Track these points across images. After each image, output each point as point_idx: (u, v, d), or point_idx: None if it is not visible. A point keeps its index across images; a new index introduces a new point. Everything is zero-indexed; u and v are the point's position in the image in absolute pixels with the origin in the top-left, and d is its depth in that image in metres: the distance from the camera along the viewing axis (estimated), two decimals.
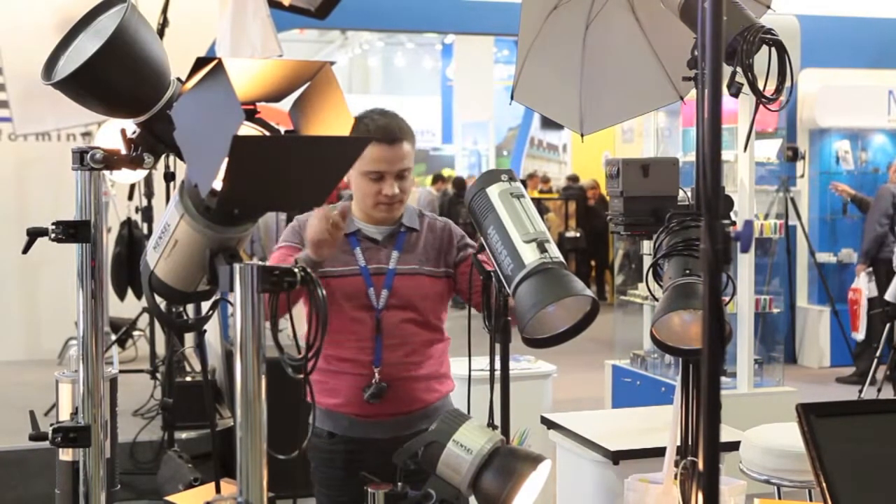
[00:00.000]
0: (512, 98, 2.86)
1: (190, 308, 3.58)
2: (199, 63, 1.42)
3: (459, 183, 14.47)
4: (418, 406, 2.57)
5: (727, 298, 2.34)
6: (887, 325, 6.58)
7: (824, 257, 9.18)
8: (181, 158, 1.54)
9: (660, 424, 3.28)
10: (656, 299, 2.26)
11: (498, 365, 2.15)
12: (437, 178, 16.03)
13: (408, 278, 2.58)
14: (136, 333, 6.30)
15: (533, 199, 2.14)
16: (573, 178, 14.71)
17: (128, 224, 6.19)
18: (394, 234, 2.62)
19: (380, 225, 2.62)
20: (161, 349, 5.49)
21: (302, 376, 1.48)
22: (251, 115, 1.49)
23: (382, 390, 2.52)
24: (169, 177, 4.59)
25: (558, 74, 2.85)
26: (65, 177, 1.97)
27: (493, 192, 2.10)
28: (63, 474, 1.87)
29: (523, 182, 2.17)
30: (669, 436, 2.32)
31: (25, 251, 1.85)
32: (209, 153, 1.40)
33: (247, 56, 5.02)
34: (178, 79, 1.71)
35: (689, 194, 2.41)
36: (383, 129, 2.53)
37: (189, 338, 5.61)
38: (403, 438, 2.42)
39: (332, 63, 1.50)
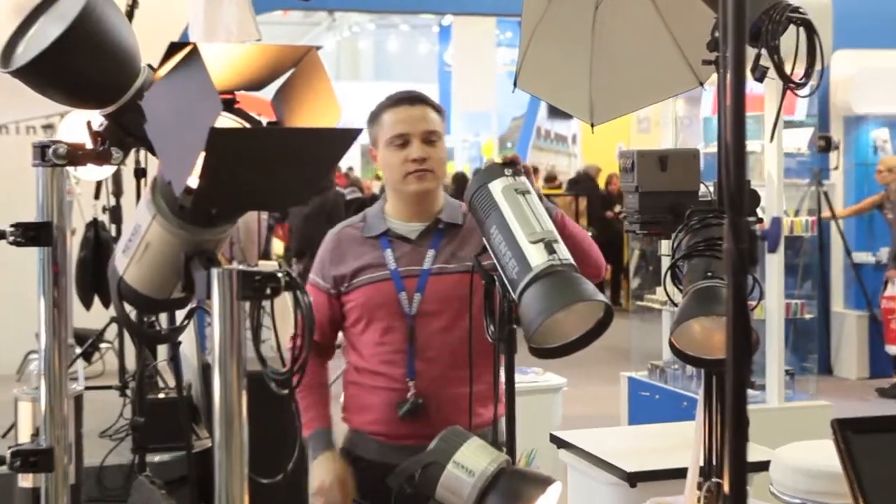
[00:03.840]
0: (515, 85, 2.86)
1: (163, 317, 3.58)
2: (172, 48, 1.43)
3: (460, 178, 14.47)
4: None
5: (754, 303, 2.35)
6: None
7: (862, 257, 9.18)
8: (153, 153, 1.55)
9: (681, 442, 3.28)
10: (676, 305, 2.27)
11: (503, 378, 2.16)
12: None
13: (445, 279, 2.55)
14: (103, 346, 6.29)
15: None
16: (589, 170, 14.65)
17: (94, 225, 6.19)
18: (430, 231, 2.60)
19: (413, 221, 2.61)
20: (131, 363, 5.48)
21: (286, 391, 1.48)
22: (229, 106, 1.50)
23: (418, 407, 2.50)
24: (139, 173, 4.59)
25: (566, 58, 2.85)
26: (24, 174, 1.97)
27: (496, 187, 2.11)
28: (23, 502, 1.87)
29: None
30: (692, 455, 2.32)
31: None
32: (183, 147, 1.41)
33: (222, 41, 5.02)
34: (149, 66, 1.71)
35: (711, 189, 2.41)
36: (402, 93, 2.62)
37: (162, 350, 5.60)
38: None
39: (318, 48, 1.50)
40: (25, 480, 1.88)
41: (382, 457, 2.55)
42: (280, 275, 1.46)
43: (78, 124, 1.99)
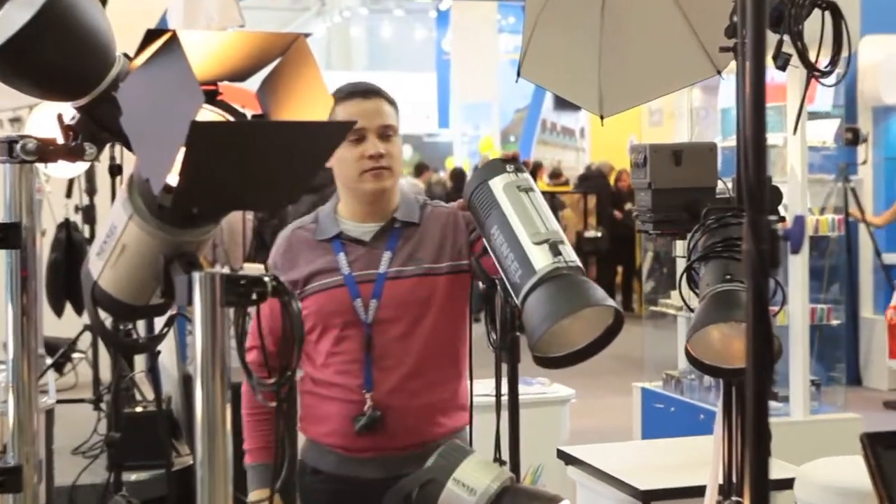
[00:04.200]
0: (519, 74, 2.87)
1: (141, 325, 3.58)
2: (150, 36, 1.43)
3: (458, 175, 14.47)
4: (416, 441, 2.53)
5: (776, 308, 2.36)
6: None
7: (893, 258, 9.18)
8: (129, 148, 1.55)
9: (698, 458, 3.28)
10: (692, 310, 2.27)
11: (505, 389, 2.16)
12: (421, 169, 16.00)
13: (403, 283, 2.56)
14: (76, 356, 6.30)
15: (543, 194, 2.15)
16: (602, 168, 14.64)
17: (66, 226, 6.19)
18: (385, 232, 2.60)
19: (367, 222, 2.61)
20: (106, 374, 5.48)
21: (274, 404, 1.48)
22: (212, 97, 1.50)
23: (375, 420, 2.51)
24: (115, 170, 4.59)
25: (573, 45, 2.86)
26: None
27: (497, 185, 2.11)
28: None
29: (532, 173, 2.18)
30: (710, 472, 2.32)
31: None
32: (162, 142, 1.41)
33: (203, 28, 5.03)
34: (125, 54, 1.71)
35: (730, 185, 2.41)
36: (354, 85, 2.61)
37: (140, 361, 5.60)
38: (397, 481, 2.41)
39: (306, 35, 1.51)
40: None
41: (341, 469, 2.58)
42: (267, 279, 1.46)
43: (48, 117, 1.99)
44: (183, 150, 1.35)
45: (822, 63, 2.23)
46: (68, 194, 5.99)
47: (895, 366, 8.14)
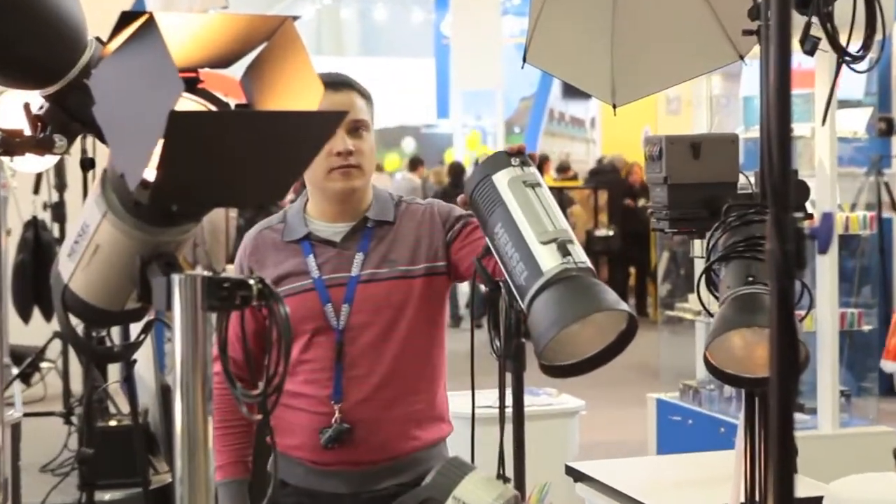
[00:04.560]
0: (525, 60, 2.87)
1: (115, 332, 3.58)
2: (125, 19, 1.43)
3: (456, 169, 14.47)
4: (386, 456, 2.56)
5: (802, 313, 2.36)
6: None
7: None
8: (102, 140, 1.55)
9: (718, 475, 3.28)
10: (711, 314, 2.27)
11: (510, 400, 2.16)
12: (415, 163, 16.01)
13: (376, 286, 2.57)
14: (44, 366, 6.30)
15: (550, 189, 2.15)
16: (615, 161, 14.63)
17: (34, 225, 6.20)
18: (356, 232, 2.61)
19: (337, 222, 2.62)
20: (78, 385, 5.48)
21: (260, 417, 1.48)
22: (192, 85, 1.50)
23: (343, 433, 2.53)
24: (87, 164, 4.60)
25: (584, 29, 2.86)
26: None
27: (502, 180, 2.11)
28: None
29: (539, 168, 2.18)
30: (731, 490, 2.33)
31: None
32: (139, 134, 1.41)
33: (184, 9, 5.03)
34: (98, 39, 1.72)
35: (753, 180, 2.42)
36: (323, 75, 2.59)
37: (114, 370, 5.60)
38: (369, 496, 2.41)
39: (294, 18, 1.51)
40: None
41: (308, 483, 2.59)
42: (251, 281, 1.46)
43: (14, 107, 1.99)
44: (161, 142, 1.36)
45: (854, 47, 2.23)
46: (36, 190, 6.00)
47: (889, 368, 8.13)
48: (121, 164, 1.47)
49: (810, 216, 2.34)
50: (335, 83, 2.58)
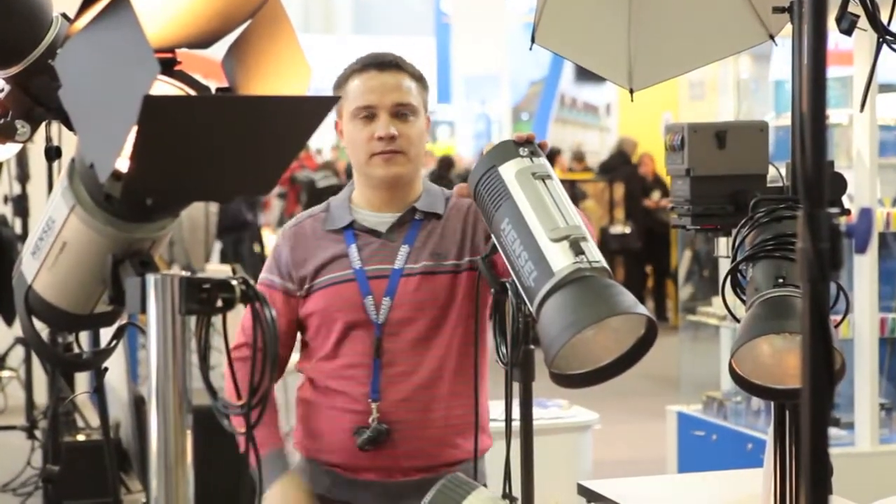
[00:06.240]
0: (533, 41, 2.87)
1: (84, 337, 3.59)
2: None
3: (445, 163, 14.50)
4: (426, 465, 2.57)
5: (838, 318, 2.36)
6: None
7: None
8: (69, 127, 1.55)
9: (745, 496, 3.29)
10: (738, 320, 2.27)
11: (517, 412, 2.16)
12: None
13: (420, 280, 2.60)
14: (6, 374, 6.31)
15: (562, 182, 2.15)
16: (624, 146, 14.63)
17: None
18: (404, 223, 2.64)
19: (383, 211, 2.65)
20: (42, 396, 5.48)
21: (243, 431, 1.48)
22: (169, 67, 1.50)
23: (381, 434, 2.54)
24: (52, 153, 4.59)
25: (597, 6, 2.86)
26: None
27: (509, 171, 2.11)
28: None
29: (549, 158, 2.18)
30: None
31: None
32: (110, 120, 1.41)
33: None
34: (64, 15, 1.72)
35: (783, 172, 2.41)
36: (373, 56, 2.66)
37: (83, 379, 5.61)
38: None
39: None
40: None
41: (337, 494, 2.60)
42: (234, 282, 1.46)
43: None
44: (134, 129, 1.36)
45: None
46: None
47: None
48: (90, 153, 1.47)
49: (847, 212, 2.33)
50: (382, 63, 2.63)
